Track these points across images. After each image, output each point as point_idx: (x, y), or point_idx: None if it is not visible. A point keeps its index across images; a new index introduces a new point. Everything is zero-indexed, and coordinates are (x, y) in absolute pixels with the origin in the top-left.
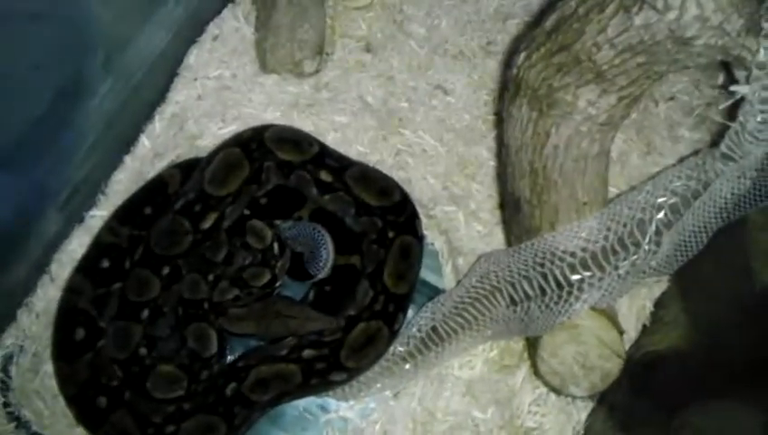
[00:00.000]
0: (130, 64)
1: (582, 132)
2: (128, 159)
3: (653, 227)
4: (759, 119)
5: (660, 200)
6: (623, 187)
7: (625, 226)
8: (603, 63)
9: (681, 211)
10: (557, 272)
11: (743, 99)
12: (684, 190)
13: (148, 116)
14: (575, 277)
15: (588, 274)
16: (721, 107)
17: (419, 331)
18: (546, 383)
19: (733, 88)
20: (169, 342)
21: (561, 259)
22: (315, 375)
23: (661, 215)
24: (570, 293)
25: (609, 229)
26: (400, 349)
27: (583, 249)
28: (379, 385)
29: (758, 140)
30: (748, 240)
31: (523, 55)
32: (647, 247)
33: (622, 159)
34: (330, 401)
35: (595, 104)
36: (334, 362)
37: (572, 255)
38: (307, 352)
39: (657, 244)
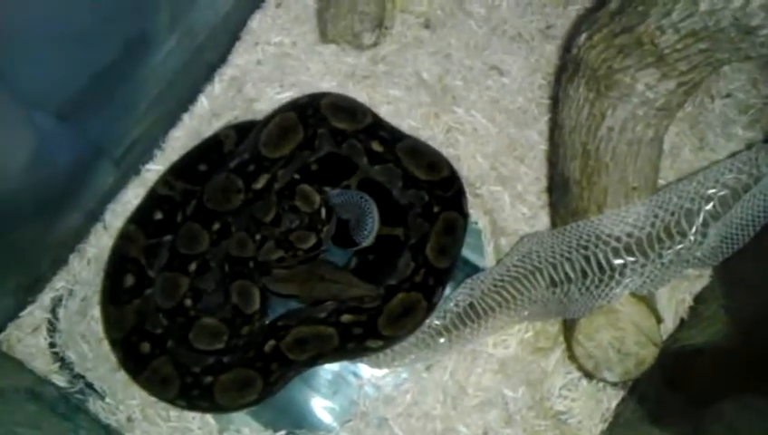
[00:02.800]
0: (194, 25)
1: (638, 116)
2: (186, 117)
3: (701, 218)
4: None
5: (710, 192)
6: (673, 180)
7: (673, 214)
8: (665, 47)
9: (730, 204)
10: (600, 255)
11: None
12: (735, 183)
13: (207, 77)
14: (618, 262)
15: (631, 259)
16: None
17: (457, 306)
18: (580, 366)
19: None
20: (214, 296)
21: (606, 243)
22: (352, 340)
23: (710, 206)
24: (611, 277)
25: (656, 216)
26: (437, 322)
27: (629, 234)
28: (413, 356)
29: None
30: None
31: (584, 36)
32: (692, 238)
33: (674, 153)
34: (363, 367)
35: (654, 88)
36: (371, 329)
37: (617, 239)
38: (346, 317)
39: (704, 235)
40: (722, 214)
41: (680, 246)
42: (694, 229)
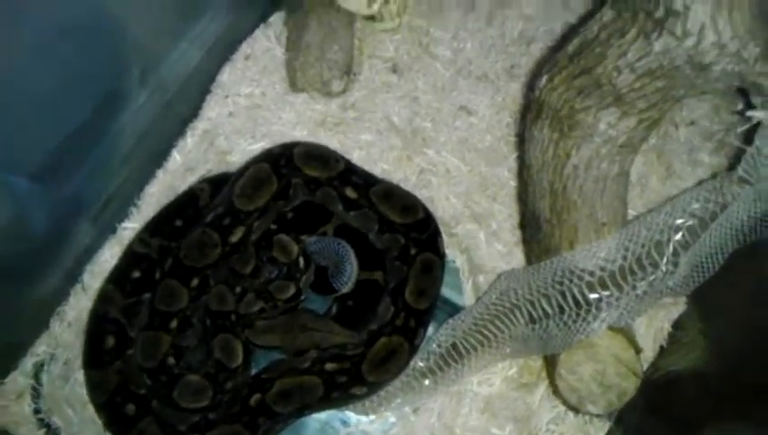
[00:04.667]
0: (165, 80)
1: (602, 154)
2: (160, 172)
3: (670, 249)
4: None
5: (678, 222)
6: (642, 209)
7: (643, 246)
8: (623, 87)
9: (699, 233)
10: (575, 290)
11: (759, 124)
12: (702, 213)
13: (180, 131)
14: (593, 296)
15: (606, 293)
16: (738, 131)
17: (439, 346)
18: (564, 401)
19: (749, 113)
20: (196, 352)
21: (580, 278)
22: (337, 388)
23: (679, 236)
24: (588, 311)
25: (627, 249)
26: (421, 364)
27: (602, 268)
28: (399, 400)
29: None
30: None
31: (545, 78)
32: (664, 268)
33: (642, 182)
34: (350, 415)
35: (615, 126)
36: (356, 376)
37: (591, 274)
38: (329, 366)
39: (675, 264)
40: (691, 243)
41: (653, 277)
42: (665, 260)
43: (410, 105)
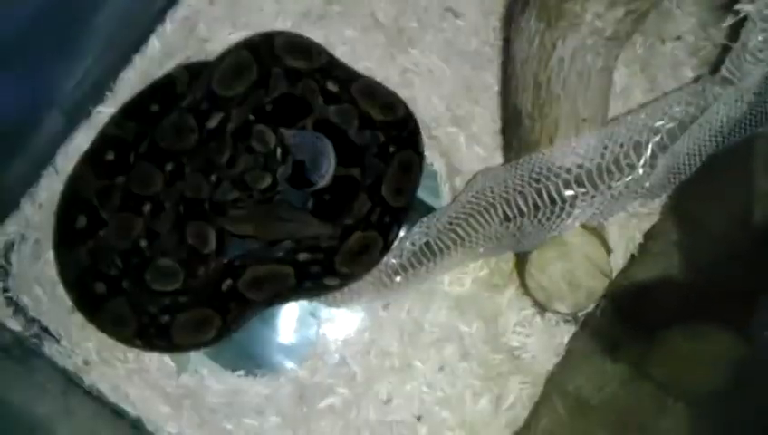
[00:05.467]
0: None
1: (588, 46)
2: (137, 58)
3: (649, 150)
4: (760, 38)
5: (659, 124)
6: None
7: (622, 146)
8: None
9: (678, 136)
10: (552, 188)
11: (746, 18)
12: (682, 116)
13: (159, 17)
14: (568, 193)
15: (582, 190)
16: (724, 25)
17: (413, 244)
18: (533, 299)
19: (737, 6)
20: (169, 237)
21: (557, 175)
22: (309, 278)
23: (658, 138)
24: (562, 209)
25: (605, 148)
26: (393, 261)
27: (579, 166)
28: (370, 295)
29: (758, 60)
30: (750, 180)
31: None
32: (641, 170)
33: (625, 94)
34: (321, 307)
35: (602, 17)
36: (328, 267)
37: (568, 171)
38: (302, 256)
39: (652, 166)
40: (670, 145)
41: (629, 178)
42: (642, 161)
43: (397, 3)
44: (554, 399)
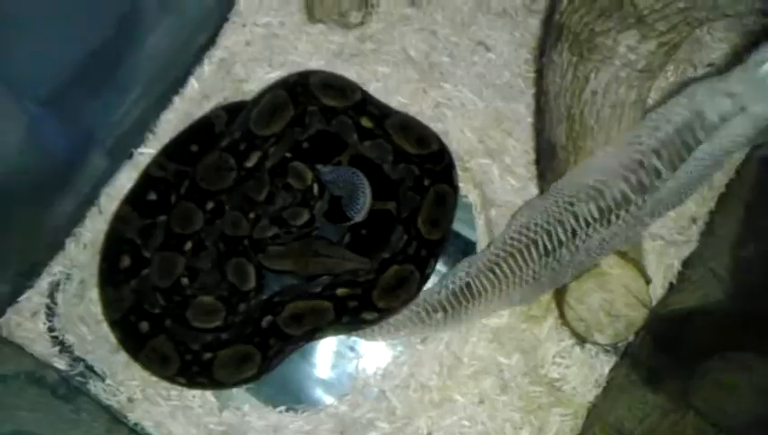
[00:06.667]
0: (184, 6)
1: (621, 78)
2: (177, 99)
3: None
4: None
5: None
6: None
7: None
8: (644, 8)
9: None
10: (585, 208)
11: None
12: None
13: (197, 59)
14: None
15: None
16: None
17: (453, 283)
18: (572, 330)
19: None
20: (210, 274)
21: (589, 195)
22: (347, 313)
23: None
24: (595, 230)
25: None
26: (433, 298)
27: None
28: (408, 330)
29: None
30: None
31: (566, 0)
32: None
33: None
34: (360, 341)
35: (635, 50)
36: (366, 301)
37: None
38: (341, 291)
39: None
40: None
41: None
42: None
43: (428, 39)
44: (596, 430)
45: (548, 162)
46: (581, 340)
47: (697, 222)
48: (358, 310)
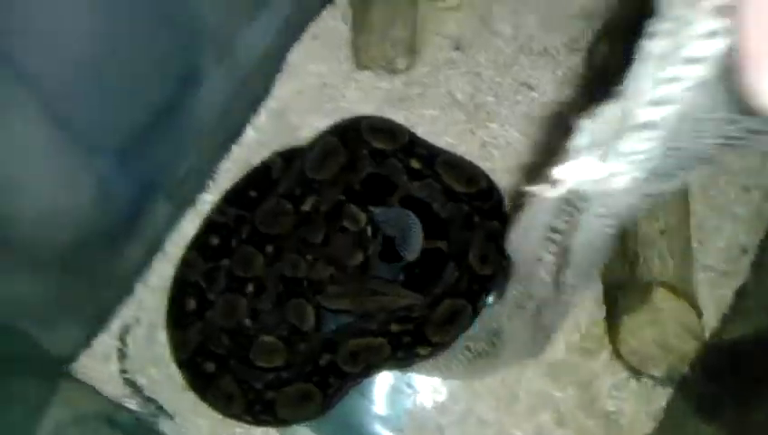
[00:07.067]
0: (239, 60)
1: None
2: (235, 147)
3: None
4: None
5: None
6: (704, 179)
7: None
8: None
9: None
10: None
11: None
12: None
13: (253, 108)
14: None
15: None
16: None
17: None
18: (626, 364)
19: None
20: (271, 315)
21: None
22: (402, 348)
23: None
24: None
25: None
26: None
27: None
28: (462, 368)
29: None
30: None
31: (606, 46)
32: None
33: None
34: (416, 377)
35: None
36: (420, 336)
37: None
38: (395, 327)
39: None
40: None
41: None
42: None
43: (473, 81)
44: None
45: None
46: (636, 373)
47: (748, 252)
48: (412, 345)
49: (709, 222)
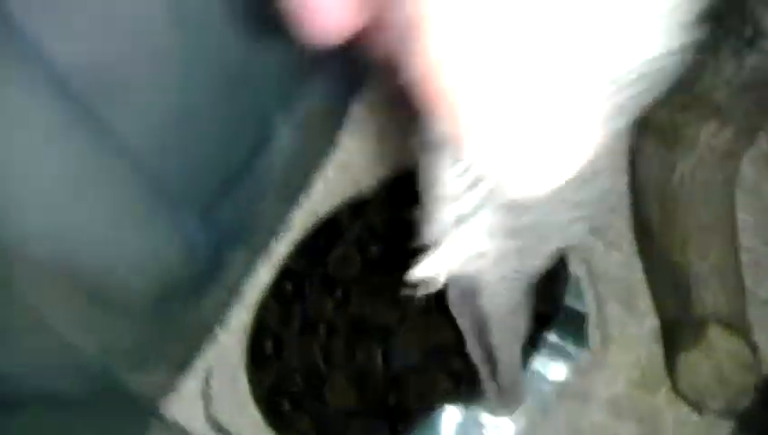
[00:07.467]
0: (304, 119)
1: (706, 161)
2: (304, 200)
3: None
4: None
5: None
6: (758, 215)
7: None
8: (720, 100)
9: None
10: None
11: None
12: None
13: (320, 162)
14: None
15: None
16: None
17: None
18: (685, 399)
19: None
20: (342, 356)
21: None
22: (463, 384)
23: None
24: None
25: None
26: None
27: None
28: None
29: None
30: None
31: None
32: None
33: (755, 190)
34: (482, 414)
35: (716, 136)
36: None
37: None
38: (457, 363)
39: None
40: None
41: None
42: None
43: None
44: None
45: (647, 242)
46: (697, 407)
47: None
48: (473, 381)
49: (763, 258)
